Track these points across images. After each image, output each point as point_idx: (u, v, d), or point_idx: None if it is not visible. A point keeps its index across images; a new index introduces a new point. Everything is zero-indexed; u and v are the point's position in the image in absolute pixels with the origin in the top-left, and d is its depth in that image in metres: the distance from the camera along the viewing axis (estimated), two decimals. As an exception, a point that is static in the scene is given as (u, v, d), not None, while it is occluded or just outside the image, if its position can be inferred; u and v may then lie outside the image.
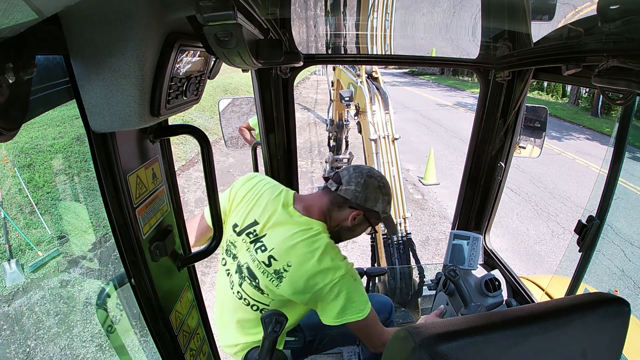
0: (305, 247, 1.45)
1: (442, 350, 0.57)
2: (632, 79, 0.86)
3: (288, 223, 1.52)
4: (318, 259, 1.41)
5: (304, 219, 1.54)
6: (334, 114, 5.72)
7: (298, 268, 1.42)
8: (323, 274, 1.40)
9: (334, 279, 1.39)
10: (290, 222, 1.53)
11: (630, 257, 5.65)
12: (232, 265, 1.62)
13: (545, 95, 21.29)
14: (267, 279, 1.48)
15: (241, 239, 1.57)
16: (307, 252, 1.43)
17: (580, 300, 0.69)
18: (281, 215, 1.54)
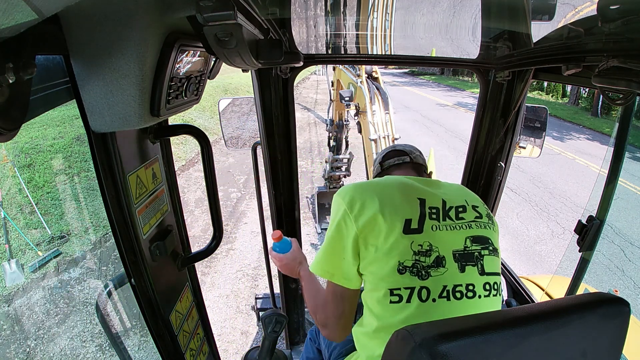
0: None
1: (442, 350, 0.57)
2: (632, 79, 0.86)
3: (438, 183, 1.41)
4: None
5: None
6: (334, 114, 5.72)
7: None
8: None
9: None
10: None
11: (630, 257, 5.65)
12: (445, 273, 1.15)
13: (545, 95, 21.29)
14: (490, 230, 1.27)
15: (430, 226, 1.19)
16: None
17: (580, 300, 0.69)
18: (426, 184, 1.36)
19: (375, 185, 1.29)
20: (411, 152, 1.54)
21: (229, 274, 5.64)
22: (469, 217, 1.25)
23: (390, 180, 1.34)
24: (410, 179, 1.35)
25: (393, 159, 1.53)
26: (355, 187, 1.28)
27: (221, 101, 2.67)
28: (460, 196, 1.31)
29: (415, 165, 1.53)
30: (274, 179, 2.16)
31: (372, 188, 1.26)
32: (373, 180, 1.38)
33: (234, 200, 7.96)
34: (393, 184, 1.30)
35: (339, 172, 6.21)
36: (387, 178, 1.37)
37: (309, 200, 7.61)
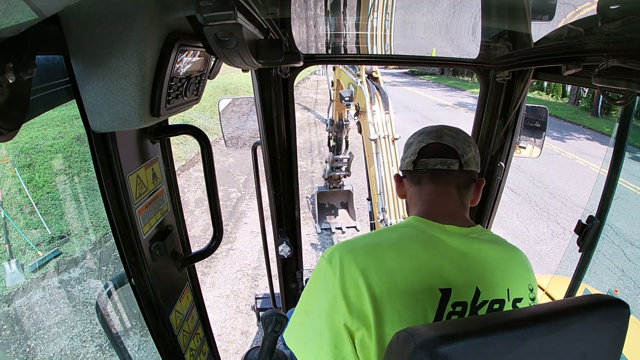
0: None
1: (442, 352, 0.57)
2: (632, 79, 0.86)
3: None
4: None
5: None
6: (334, 114, 5.72)
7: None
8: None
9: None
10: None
11: (631, 257, 5.65)
12: None
13: (545, 95, 21.29)
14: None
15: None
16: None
17: (579, 302, 0.69)
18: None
19: (380, 253, 0.93)
20: (463, 152, 1.09)
21: (229, 273, 5.64)
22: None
23: (405, 240, 0.96)
24: (439, 232, 0.99)
25: (435, 160, 1.09)
26: (348, 255, 0.92)
27: (221, 101, 2.67)
28: (504, 280, 0.96)
29: (464, 177, 1.10)
30: (274, 179, 2.15)
31: (375, 260, 0.91)
32: (380, 238, 0.99)
33: (234, 200, 7.96)
34: (411, 251, 0.93)
35: (339, 172, 6.21)
36: (403, 235, 0.99)
37: (309, 200, 7.61)
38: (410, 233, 0.99)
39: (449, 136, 1.11)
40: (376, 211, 3.34)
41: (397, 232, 1.00)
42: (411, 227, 1.01)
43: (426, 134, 1.14)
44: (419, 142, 1.13)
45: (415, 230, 1.00)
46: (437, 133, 1.12)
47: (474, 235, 1.01)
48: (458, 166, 1.07)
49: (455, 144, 1.09)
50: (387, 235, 0.99)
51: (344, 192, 6.71)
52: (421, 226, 1.01)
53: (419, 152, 1.11)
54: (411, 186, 1.15)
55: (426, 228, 1.00)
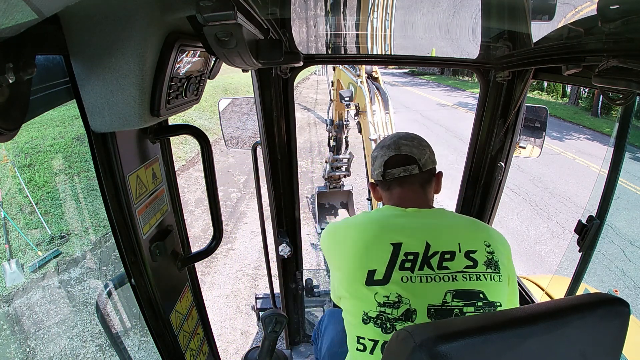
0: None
1: (442, 351, 0.57)
2: (632, 79, 0.86)
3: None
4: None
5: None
6: (334, 114, 5.72)
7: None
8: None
9: None
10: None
11: (630, 257, 5.65)
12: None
13: (545, 95, 21.28)
14: (486, 282, 1.12)
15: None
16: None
17: (579, 301, 0.68)
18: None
19: (354, 227, 1.25)
20: (419, 157, 1.31)
21: (229, 274, 5.64)
22: (456, 266, 1.10)
23: (373, 218, 1.27)
24: (400, 212, 1.26)
25: (398, 170, 1.31)
26: (333, 231, 1.31)
27: (221, 101, 2.67)
28: (454, 237, 1.15)
29: (425, 175, 1.33)
30: (274, 179, 2.15)
31: (349, 233, 1.24)
32: (358, 218, 1.30)
33: (234, 200, 7.96)
34: (373, 224, 1.23)
35: (339, 172, 6.21)
36: (372, 215, 1.30)
37: (309, 200, 7.61)
38: (375, 213, 1.30)
39: (405, 146, 1.33)
40: (376, 211, 3.34)
41: (368, 214, 1.32)
42: (379, 210, 1.31)
43: (386, 147, 1.36)
44: (382, 156, 1.35)
45: (380, 211, 1.29)
46: (395, 145, 1.34)
47: (430, 212, 1.27)
48: (418, 170, 1.31)
49: (412, 151, 1.32)
50: (361, 216, 1.31)
51: (344, 192, 6.70)
52: (386, 209, 1.30)
53: (384, 164, 1.34)
54: (383, 191, 1.40)
55: (389, 210, 1.29)
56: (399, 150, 1.32)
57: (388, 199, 1.38)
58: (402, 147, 1.32)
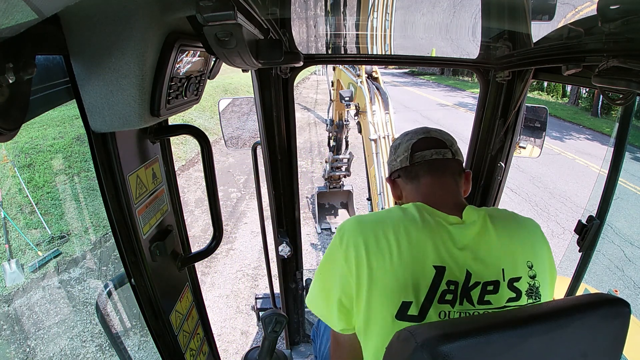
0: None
1: (443, 351, 0.57)
2: (632, 79, 0.86)
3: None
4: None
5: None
6: (334, 114, 5.72)
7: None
8: None
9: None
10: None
11: (630, 257, 5.65)
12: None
13: (545, 95, 21.29)
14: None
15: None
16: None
17: (580, 301, 0.68)
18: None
19: (400, 232, 0.95)
20: (451, 143, 1.15)
21: (229, 274, 5.64)
22: (499, 300, 0.91)
23: (406, 221, 0.98)
24: (442, 220, 1.00)
25: (429, 152, 1.12)
26: (370, 230, 0.98)
27: (221, 101, 2.67)
28: (498, 261, 0.95)
29: (457, 165, 1.15)
30: (274, 179, 2.15)
31: (392, 241, 0.94)
32: (386, 215, 1.02)
33: (234, 200, 7.96)
34: (409, 231, 0.95)
35: (339, 172, 6.21)
36: (405, 216, 1.00)
37: (309, 200, 7.61)
38: (412, 215, 1.01)
39: (434, 131, 1.19)
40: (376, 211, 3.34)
41: (399, 212, 1.03)
42: (413, 209, 1.03)
43: (413, 132, 1.20)
44: (408, 140, 1.18)
45: (417, 213, 1.01)
46: (423, 130, 1.19)
47: (471, 220, 1.01)
48: (451, 154, 1.14)
49: (442, 136, 1.17)
50: (392, 214, 1.03)
51: (344, 192, 6.71)
52: (422, 211, 1.02)
53: (412, 147, 1.15)
54: (407, 183, 1.17)
55: (426, 213, 1.02)
56: (429, 134, 1.16)
57: (414, 193, 1.14)
58: (431, 131, 1.18)
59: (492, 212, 1.07)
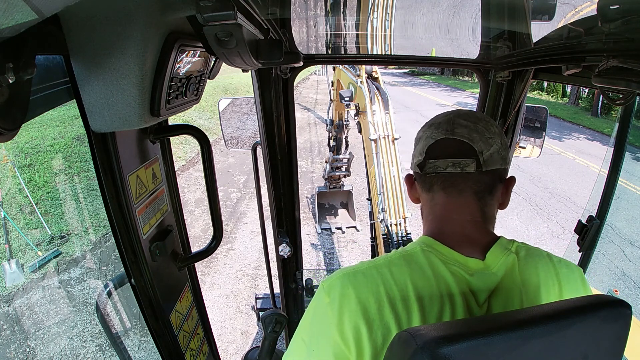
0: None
1: (444, 353, 0.56)
2: (632, 79, 0.85)
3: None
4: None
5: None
6: (334, 114, 5.73)
7: None
8: None
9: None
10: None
11: (630, 257, 5.65)
12: None
13: (545, 95, 21.28)
14: None
15: None
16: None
17: (581, 303, 0.68)
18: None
19: (390, 287, 0.78)
20: (482, 148, 0.86)
21: (229, 274, 5.64)
22: None
23: (418, 271, 0.80)
24: (457, 270, 0.81)
25: (444, 162, 0.88)
26: (353, 290, 0.79)
27: (221, 101, 2.67)
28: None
29: (485, 179, 0.88)
30: (274, 179, 2.15)
31: (386, 297, 0.77)
32: (388, 266, 0.82)
33: (234, 200, 7.96)
34: (419, 286, 0.79)
35: (339, 172, 6.22)
36: (411, 261, 0.82)
37: (309, 200, 7.61)
38: (420, 268, 0.81)
39: (463, 127, 0.88)
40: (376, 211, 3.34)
41: (403, 263, 0.82)
42: (422, 258, 0.83)
43: (436, 125, 0.92)
44: (427, 138, 0.92)
45: (427, 263, 0.81)
46: (448, 124, 0.90)
47: (496, 268, 0.82)
48: (475, 167, 0.85)
49: (470, 137, 0.86)
50: (395, 268, 0.81)
51: (344, 192, 6.71)
52: (433, 259, 0.82)
53: (427, 150, 0.90)
54: (422, 192, 0.96)
55: (438, 261, 0.82)
56: (452, 133, 0.88)
57: (428, 208, 0.95)
58: (458, 128, 0.88)
59: (525, 254, 0.87)
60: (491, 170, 0.86)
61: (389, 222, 3.13)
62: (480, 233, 0.88)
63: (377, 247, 3.53)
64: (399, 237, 3.16)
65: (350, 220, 6.69)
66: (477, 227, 0.88)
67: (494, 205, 0.91)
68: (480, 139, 0.86)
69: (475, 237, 0.87)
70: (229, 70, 1.29)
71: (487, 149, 0.85)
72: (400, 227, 3.16)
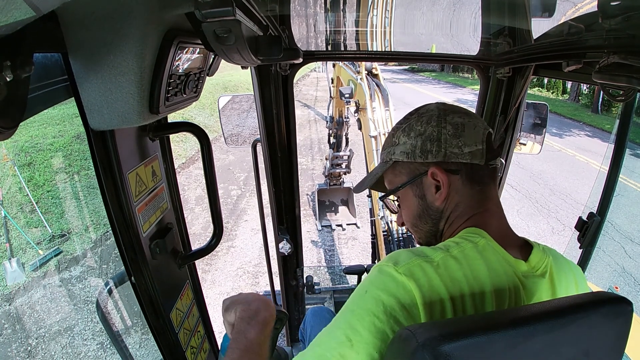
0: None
1: (445, 351, 0.56)
2: (633, 75, 0.85)
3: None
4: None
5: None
6: (334, 111, 5.72)
7: None
8: None
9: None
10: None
11: (631, 253, 5.65)
12: None
13: (545, 92, 21.26)
14: None
15: None
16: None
17: (582, 300, 0.68)
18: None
19: (463, 285, 0.71)
20: (491, 134, 0.84)
21: (230, 271, 5.65)
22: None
23: (487, 267, 0.74)
24: (510, 265, 0.77)
25: (471, 149, 0.82)
26: (428, 269, 0.70)
27: (221, 98, 2.66)
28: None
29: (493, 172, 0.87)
30: (274, 176, 2.15)
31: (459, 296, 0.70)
32: (463, 260, 0.73)
33: (234, 197, 7.97)
34: (485, 288, 0.72)
35: (339, 169, 6.21)
36: (481, 255, 0.75)
37: (310, 198, 7.61)
38: (491, 265, 0.75)
39: (477, 119, 0.87)
40: (376, 208, 3.35)
41: (477, 257, 0.75)
42: (491, 253, 0.77)
43: (474, 116, 0.86)
44: (479, 125, 0.83)
45: (496, 260, 0.76)
46: (469, 117, 0.85)
47: (541, 270, 0.81)
48: (493, 162, 0.85)
49: (473, 122, 0.85)
50: (469, 262, 0.74)
51: (344, 189, 6.71)
52: (493, 255, 0.76)
53: (487, 140, 0.82)
54: (465, 186, 0.84)
55: (496, 258, 0.76)
56: (455, 113, 0.86)
57: (466, 204, 0.85)
58: (474, 119, 0.87)
59: (553, 255, 0.86)
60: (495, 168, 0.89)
61: (390, 219, 3.13)
62: (512, 231, 0.87)
63: (378, 244, 3.53)
64: (399, 233, 3.16)
65: (351, 218, 6.69)
66: (507, 223, 0.87)
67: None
68: (482, 123, 0.88)
69: (513, 237, 0.86)
70: (229, 67, 1.29)
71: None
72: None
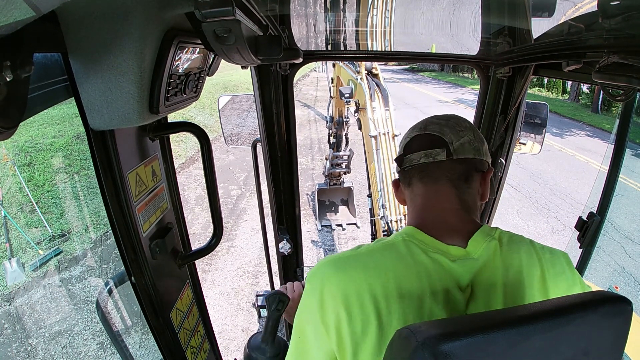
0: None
1: (445, 350, 0.56)
2: (633, 75, 0.85)
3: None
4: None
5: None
6: (334, 111, 5.71)
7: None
8: None
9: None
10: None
11: (631, 253, 5.65)
12: None
13: (545, 92, 21.26)
14: None
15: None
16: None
17: (582, 299, 0.68)
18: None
19: (372, 278, 0.78)
20: (452, 139, 0.91)
21: (230, 271, 5.65)
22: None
23: (399, 259, 0.81)
24: (439, 257, 0.82)
25: (417, 155, 0.93)
26: (336, 279, 0.80)
27: (221, 98, 2.66)
28: (504, 305, 0.82)
29: (458, 167, 0.92)
30: (274, 176, 2.15)
31: (366, 288, 0.78)
32: (371, 256, 0.83)
33: (234, 197, 7.97)
34: (400, 275, 0.79)
35: (339, 169, 6.21)
36: (392, 249, 0.83)
37: (309, 197, 7.61)
38: (402, 256, 0.82)
39: (435, 124, 0.95)
40: (376, 208, 3.34)
41: (385, 252, 0.83)
42: (403, 247, 0.84)
43: (412, 128, 1.01)
44: (405, 138, 1.01)
45: (408, 252, 0.82)
46: (422, 124, 0.99)
47: (477, 254, 0.83)
48: (445, 155, 0.90)
49: (441, 131, 0.93)
50: (377, 256, 0.82)
51: (344, 189, 6.71)
52: (413, 248, 0.83)
53: (404, 148, 0.98)
54: (405, 189, 1.00)
55: (419, 249, 0.83)
56: (425, 130, 0.96)
57: (410, 203, 0.99)
58: (430, 125, 0.96)
59: (507, 240, 0.88)
60: (463, 158, 0.91)
61: (390, 218, 3.13)
62: (462, 221, 0.90)
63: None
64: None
65: (351, 217, 6.69)
66: (457, 215, 0.90)
67: (472, 194, 0.94)
68: (450, 132, 0.92)
69: (456, 225, 0.89)
70: (229, 67, 1.29)
71: (457, 139, 0.91)
72: (400, 224, 3.16)
